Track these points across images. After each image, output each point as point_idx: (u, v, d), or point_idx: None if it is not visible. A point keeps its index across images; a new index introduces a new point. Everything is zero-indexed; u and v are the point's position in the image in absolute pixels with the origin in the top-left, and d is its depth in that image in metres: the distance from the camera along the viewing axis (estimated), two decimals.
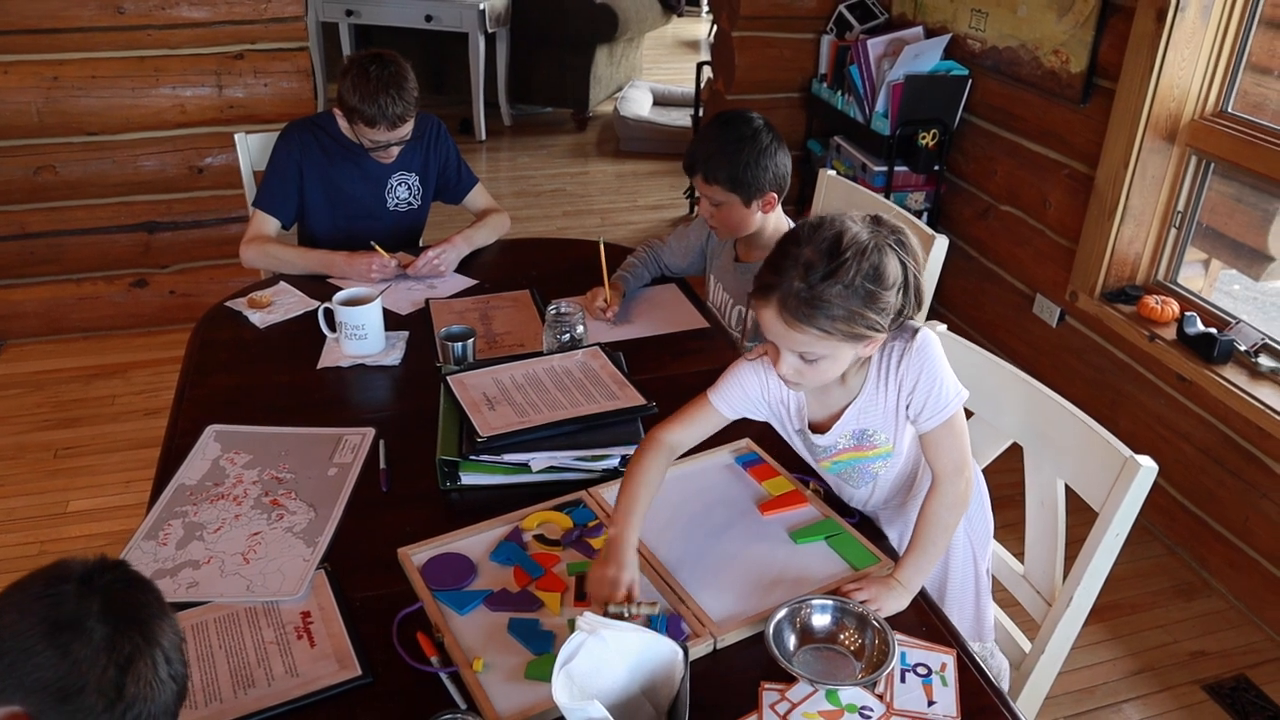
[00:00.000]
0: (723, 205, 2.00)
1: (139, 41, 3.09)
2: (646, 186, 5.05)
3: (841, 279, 1.25)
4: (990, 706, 1.20)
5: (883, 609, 1.30)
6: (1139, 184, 2.63)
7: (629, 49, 6.17)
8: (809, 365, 1.32)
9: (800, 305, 1.25)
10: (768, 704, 1.18)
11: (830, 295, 1.25)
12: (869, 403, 1.43)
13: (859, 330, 1.28)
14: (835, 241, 1.26)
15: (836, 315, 1.25)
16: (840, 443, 1.47)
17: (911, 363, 1.38)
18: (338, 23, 5.38)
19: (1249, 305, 2.89)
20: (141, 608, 0.92)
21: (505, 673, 1.21)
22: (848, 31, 3.64)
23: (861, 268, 1.25)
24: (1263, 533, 2.39)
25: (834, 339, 1.28)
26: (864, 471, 1.51)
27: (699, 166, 1.99)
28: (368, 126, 2.18)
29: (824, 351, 1.30)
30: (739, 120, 1.99)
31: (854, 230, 1.28)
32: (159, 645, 0.91)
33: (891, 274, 1.28)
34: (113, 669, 0.87)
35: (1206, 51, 2.49)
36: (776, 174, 1.98)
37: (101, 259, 3.34)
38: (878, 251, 1.27)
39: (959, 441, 1.41)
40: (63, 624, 0.86)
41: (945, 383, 1.38)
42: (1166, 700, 2.20)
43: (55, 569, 0.91)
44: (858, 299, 1.25)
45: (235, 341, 1.99)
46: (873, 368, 1.41)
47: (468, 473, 1.55)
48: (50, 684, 0.85)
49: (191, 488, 1.56)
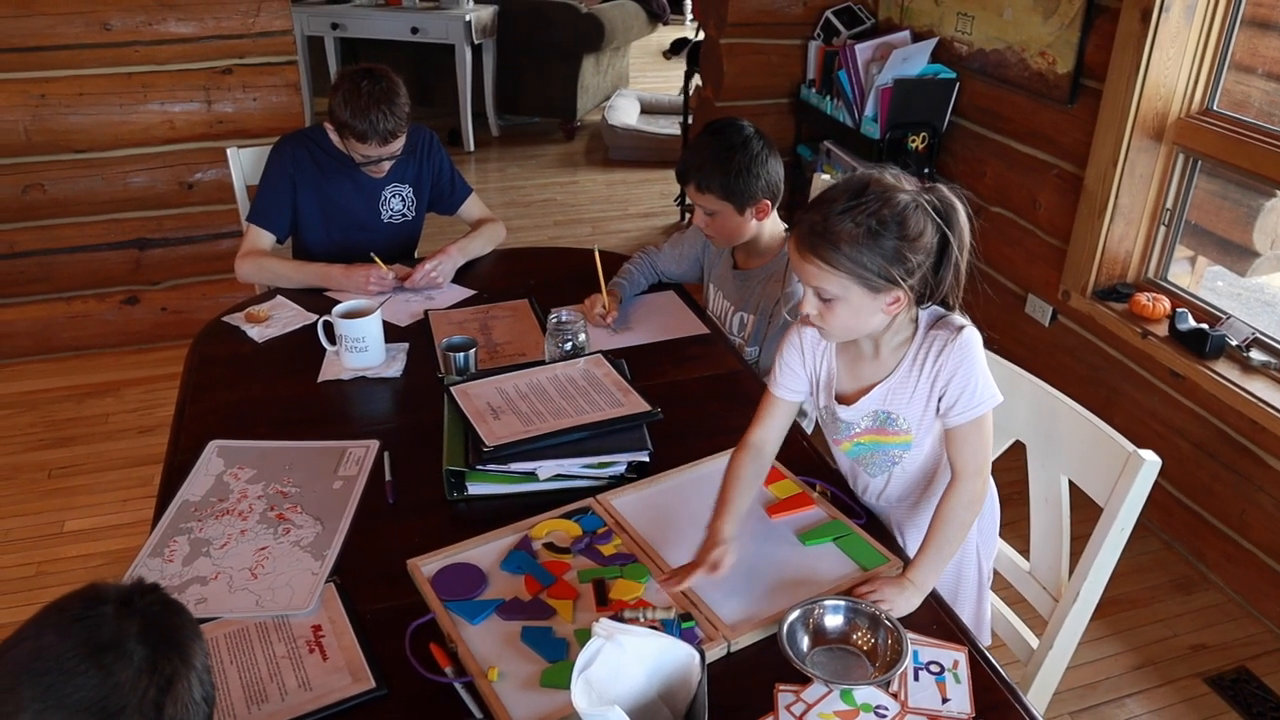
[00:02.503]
0: (716, 214, 2.01)
1: (126, 58, 3.08)
2: (637, 195, 5.07)
3: (854, 216, 1.28)
4: (1003, 702, 1.21)
5: (895, 609, 1.31)
6: (1128, 182, 2.66)
7: (615, 58, 6.19)
8: (827, 306, 1.34)
9: (811, 235, 1.30)
10: (783, 705, 1.18)
11: (839, 229, 1.28)
12: (899, 385, 1.44)
13: (867, 273, 1.29)
14: (862, 185, 1.30)
15: (843, 251, 1.28)
16: (863, 421, 1.48)
17: (952, 355, 1.39)
18: (323, 36, 5.38)
19: (1233, 301, 2.92)
20: (178, 629, 0.93)
21: (520, 681, 1.21)
22: (835, 37, 3.66)
23: (880, 212, 1.28)
24: (1259, 526, 2.41)
25: (842, 276, 1.30)
26: (882, 458, 1.51)
27: (691, 176, 2.00)
28: (359, 142, 2.18)
29: (836, 290, 1.32)
30: (730, 129, 2.00)
31: (889, 181, 1.31)
32: (194, 667, 0.92)
33: (914, 229, 1.29)
34: (153, 690, 0.88)
35: (1191, 51, 2.52)
36: (769, 181, 1.99)
37: (92, 277, 3.33)
38: (909, 207, 1.29)
39: (984, 443, 1.41)
40: (104, 645, 0.88)
41: (981, 381, 1.39)
42: (1169, 694, 2.22)
43: (92, 591, 0.93)
44: (868, 239, 1.27)
45: (234, 357, 1.99)
46: (910, 352, 1.42)
47: (475, 483, 1.55)
48: (92, 704, 0.86)
49: (196, 503, 1.55)
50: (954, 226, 1.32)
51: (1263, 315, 2.66)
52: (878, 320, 1.37)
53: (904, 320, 1.42)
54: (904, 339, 1.43)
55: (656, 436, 1.63)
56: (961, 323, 1.41)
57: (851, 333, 1.40)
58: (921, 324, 1.43)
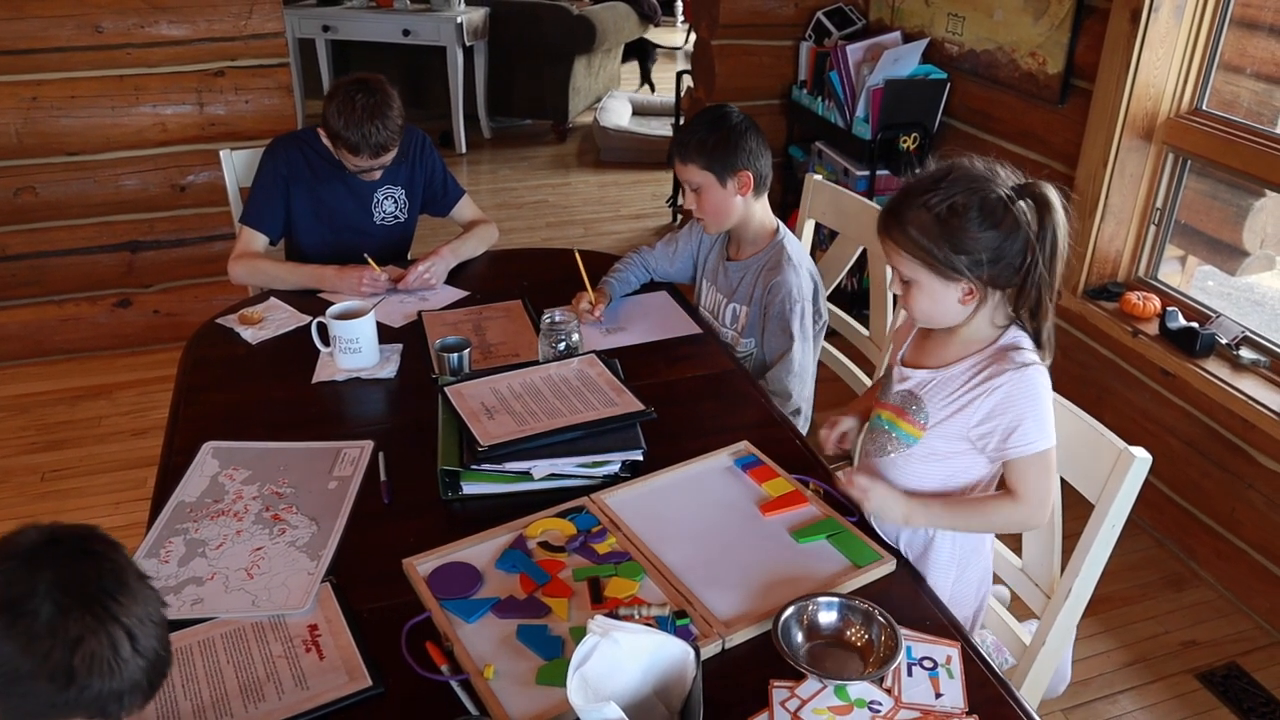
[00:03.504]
0: (701, 189, 2.04)
1: (118, 60, 3.08)
2: (629, 196, 5.08)
3: (927, 201, 1.29)
4: (996, 697, 1.22)
5: (869, 501, 1.37)
6: (1118, 182, 2.67)
7: (607, 59, 6.20)
8: (906, 288, 1.38)
9: (886, 214, 1.35)
10: (778, 701, 1.19)
11: (911, 212, 1.31)
12: (945, 382, 1.44)
13: (934, 260, 1.30)
14: (945, 171, 1.32)
15: (909, 234, 1.31)
16: (898, 394, 1.50)
17: (1007, 386, 1.36)
18: (314, 39, 5.38)
19: (1223, 301, 2.94)
20: (92, 580, 0.86)
21: (516, 679, 1.21)
22: (826, 38, 3.68)
23: (954, 199, 1.28)
24: (1249, 523, 2.43)
25: (913, 260, 1.33)
26: (886, 440, 1.54)
27: (677, 151, 2.07)
28: (351, 154, 2.19)
29: (910, 273, 1.35)
30: (716, 108, 2.08)
31: (972, 170, 1.31)
32: (115, 621, 0.85)
33: (989, 221, 1.28)
34: (59, 650, 0.82)
35: (1180, 51, 2.54)
36: (751, 153, 2.02)
37: (84, 280, 3.32)
38: (989, 199, 1.28)
39: (1045, 477, 1.40)
40: (6, 605, 0.82)
41: (1038, 420, 1.37)
42: (1160, 690, 2.23)
43: (4, 544, 0.86)
44: (935, 224, 1.29)
45: (228, 358, 1.99)
46: (973, 359, 1.42)
47: (469, 482, 1.56)
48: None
49: (191, 505, 1.55)
50: (1045, 226, 1.29)
51: (1253, 315, 2.68)
52: (955, 311, 1.37)
53: (984, 322, 1.40)
54: (979, 344, 1.42)
55: (650, 436, 1.64)
56: (1033, 359, 1.38)
57: (933, 319, 1.41)
58: (1001, 340, 1.41)
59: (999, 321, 1.41)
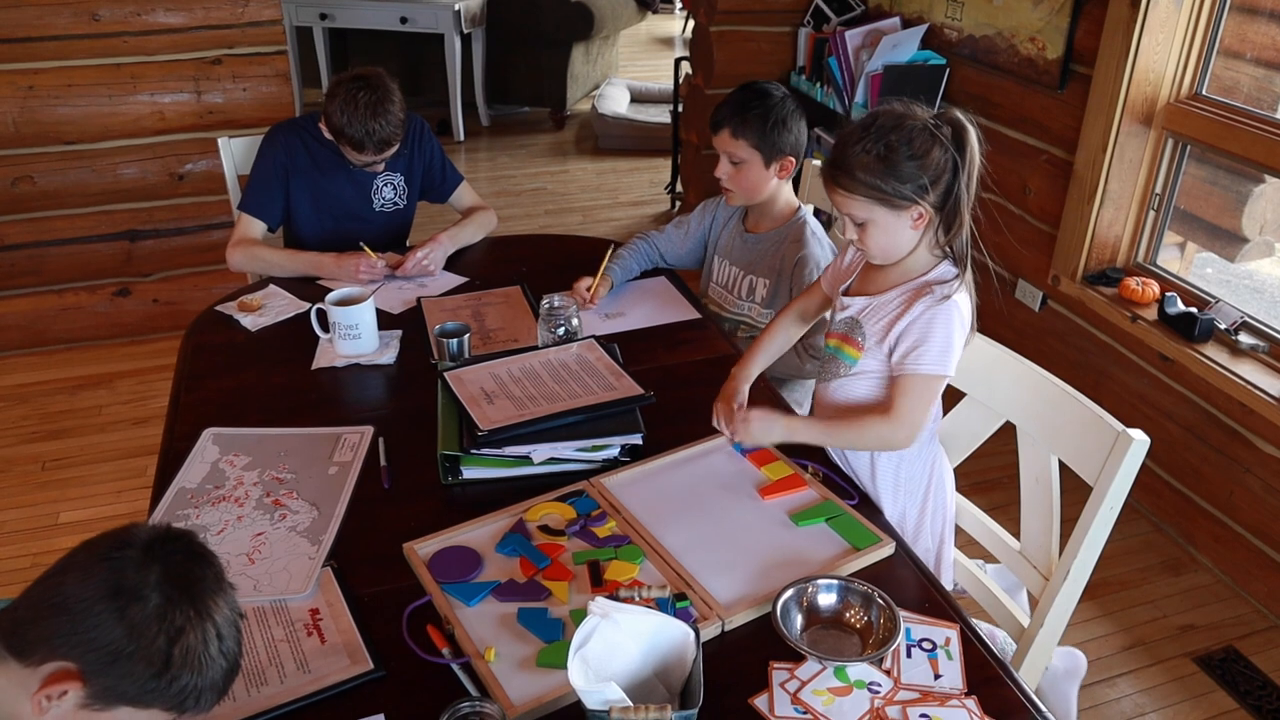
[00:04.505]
0: (742, 165, 2.05)
1: (115, 49, 3.07)
2: (627, 183, 5.07)
3: (864, 144, 1.40)
4: (995, 678, 1.23)
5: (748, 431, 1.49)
6: (1117, 167, 2.67)
7: (605, 47, 6.18)
8: (862, 230, 1.46)
9: (832, 168, 1.44)
10: (778, 683, 1.20)
11: (854, 158, 1.41)
12: (880, 306, 1.53)
13: (885, 194, 1.40)
14: (872, 118, 1.43)
15: (858, 176, 1.41)
16: (841, 324, 1.58)
17: (926, 312, 1.47)
18: (312, 27, 5.36)
19: (1223, 288, 2.94)
20: (198, 581, 0.94)
21: (517, 662, 1.22)
22: (825, 23, 3.67)
23: (888, 137, 1.39)
24: (1247, 507, 2.44)
25: (862, 200, 1.42)
26: (834, 365, 1.61)
27: (727, 122, 2.05)
28: (356, 151, 2.19)
29: (862, 214, 1.44)
30: (769, 86, 2.09)
31: (896, 109, 1.43)
32: (211, 620, 0.93)
33: (921, 148, 1.40)
34: (162, 638, 0.89)
35: (1180, 36, 2.53)
36: (798, 139, 2.06)
37: (83, 269, 3.32)
38: (915, 129, 1.40)
39: (920, 400, 1.49)
40: (122, 589, 0.89)
41: (939, 346, 1.46)
42: (1158, 673, 2.24)
43: (123, 533, 0.93)
44: (878, 162, 1.39)
45: (228, 345, 1.99)
46: (907, 286, 1.51)
47: (469, 467, 1.56)
48: (104, 645, 0.88)
49: (192, 491, 1.56)
50: (963, 147, 1.41)
51: (1252, 303, 2.68)
52: (908, 237, 1.47)
53: (924, 250, 1.50)
54: (915, 272, 1.52)
55: (649, 420, 1.64)
56: (953, 293, 1.48)
57: (890, 253, 1.49)
58: (931, 274, 1.51)
59: (934, 251, 1.51)
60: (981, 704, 1.18)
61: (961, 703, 1.18)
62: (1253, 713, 2.14)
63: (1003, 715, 1.17)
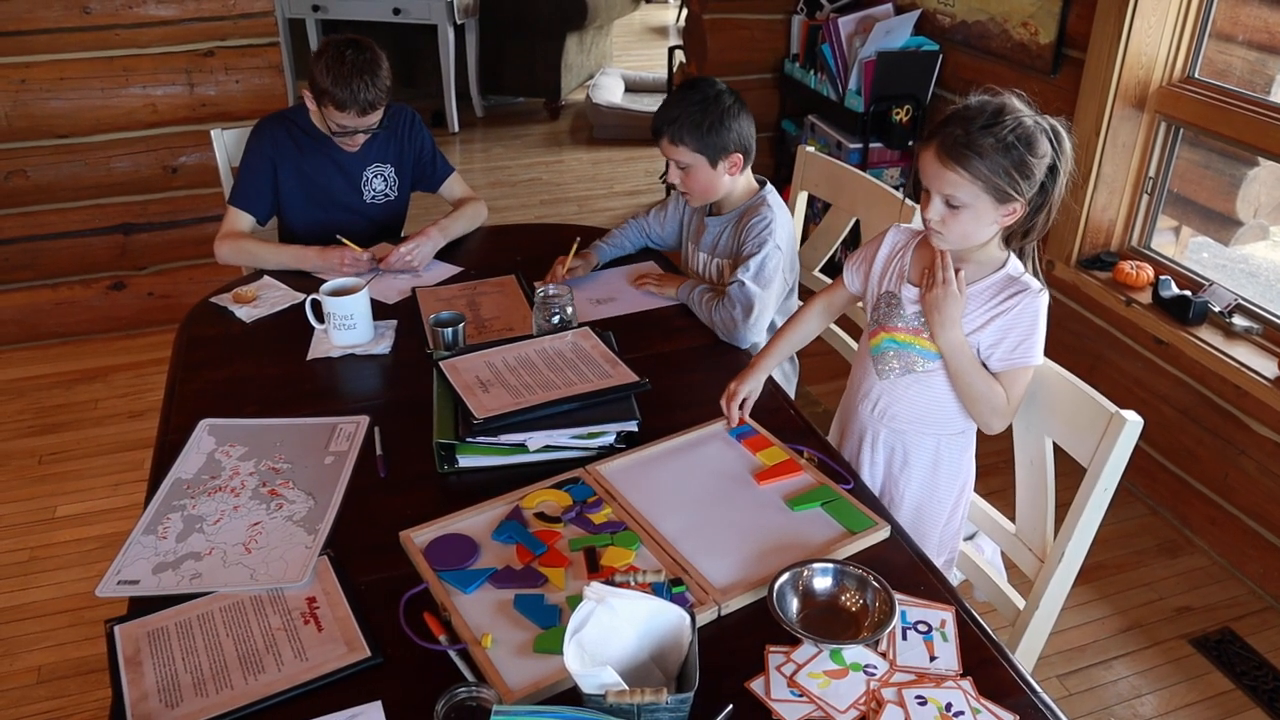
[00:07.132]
0: (689, 168, 2.03)
1: (107, 41, 3.06)
2: (622, 173, 5.06)
3: (995, 133, 1.41)
4: (990, 659, 1.23)
5: (953, 304, 1.52)
6: (1110, 151, 2.67)
7: (599, 36, 6.17)
8: (951, 213, 1.47)
9: (956, 146, 1.42)
10: (774, 666, 1.20)
11: (983, 143, 1.41)
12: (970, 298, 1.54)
13: (1002, 186, 1.42)
14: (999, 107, 1.44)
15: (984, 163, 1.41)
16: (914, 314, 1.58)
17: (1026, 306, 1.51)
18: (304, 18, 5.34)
19: (1218, 272, 2.94)
20: None
21: (514, 648, 1.22)
22: (818, 11, 3.66)
23: (1017, 132, 1.42)
24: (1242, 489, 2.44)
25: (978, 186, 1.43)
26: (904, 359, 1.60)
27: (665, 130, 2.03)
28: (337, 110, 2.16)
29: (967, 199, 1.45)
30: (703, 84, 2.04)
31: (1018, 107, 1.45)
32: None
33: (1040, 149, 1.43)
34: None
35: (1172, 19, 2.53)
36: (740, 134, 2.02)
37: (78, 263, 3.31)
38: (1036, 129, 1.43)
39: (1020, 391, 1.54)
40: None
41: (1038, 339, 1.53)
42: (1155, 655, 2.25)
43: None
44: (1006, 155, 1.41)
45: (223, 337, 1.99)
46: (993, 280, 1.54)
47: (465, 455, 1.56)
48: None
49: (188, 481, 1.56)
50: (1061, 149, 1.45)
51: (1248, 287, 2.68)
52: (989, 230, 1.50)
53: (995, 246, 1.54)
54: (990, 266, 1.55)
55: (644, 407, 1.64)
56: (1042, 286, 1.54)
57: (966, 240, 1.50)
58: (1009, 268, 1.55)
59: (1002, 247, 1.55)
60: (977, 685, 1.18)
61: (957, 684, 1.18)
62: (1249, 693, 2.15)
63: (998, 696, 1.17)
